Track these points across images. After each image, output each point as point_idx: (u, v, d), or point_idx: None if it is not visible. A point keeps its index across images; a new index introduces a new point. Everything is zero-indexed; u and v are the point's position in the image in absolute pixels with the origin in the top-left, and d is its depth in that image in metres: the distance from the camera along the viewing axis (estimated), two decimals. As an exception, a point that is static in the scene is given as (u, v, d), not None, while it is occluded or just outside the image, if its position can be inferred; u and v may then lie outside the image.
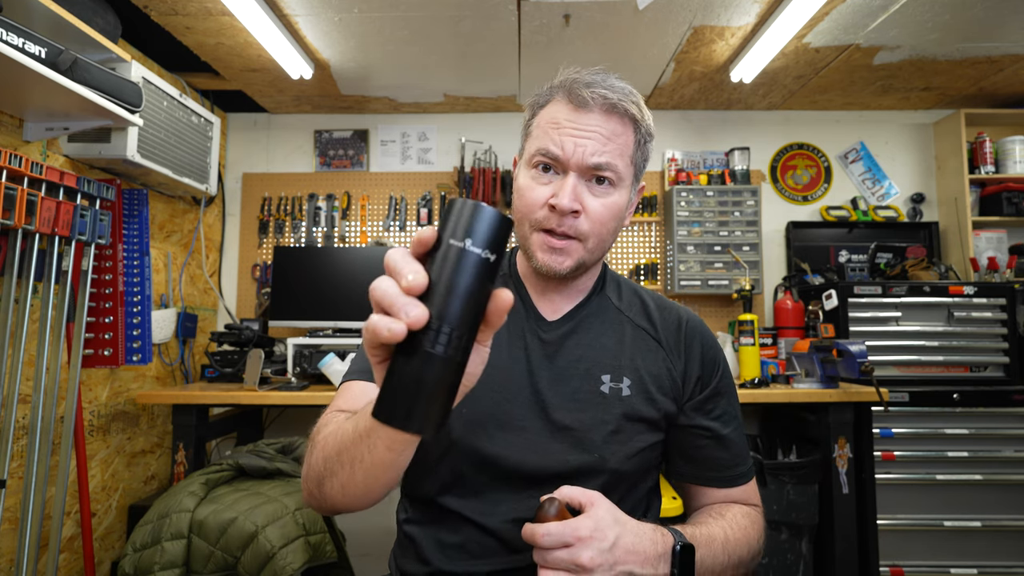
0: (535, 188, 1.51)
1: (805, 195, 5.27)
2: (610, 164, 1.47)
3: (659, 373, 1.62)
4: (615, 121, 1.49)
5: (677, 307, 1.75)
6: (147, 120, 3.70)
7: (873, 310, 4.24)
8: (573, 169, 1.47)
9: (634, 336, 1.66)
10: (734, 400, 1.69)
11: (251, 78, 4.55)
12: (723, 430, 1.63)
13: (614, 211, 1.52)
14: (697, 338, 1.69)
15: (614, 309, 1.70)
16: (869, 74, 4.55)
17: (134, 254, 3.81)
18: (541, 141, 1.51)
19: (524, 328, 1.63)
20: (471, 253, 0.84)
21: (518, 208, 1.56)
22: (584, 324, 1.65)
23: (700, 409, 1.64)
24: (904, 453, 3.92)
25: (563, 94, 1.52)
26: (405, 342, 0.84)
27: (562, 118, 1.50)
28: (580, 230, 1.49)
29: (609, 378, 1.58)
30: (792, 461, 3.87)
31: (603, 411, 1.54)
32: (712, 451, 1.63)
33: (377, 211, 5.26)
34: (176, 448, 3.74)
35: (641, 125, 1.54)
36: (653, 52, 4.16)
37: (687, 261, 4.88)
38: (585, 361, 1.59)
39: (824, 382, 3.87)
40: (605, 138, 1.47)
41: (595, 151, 1.46)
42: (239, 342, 4.22)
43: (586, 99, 1.47)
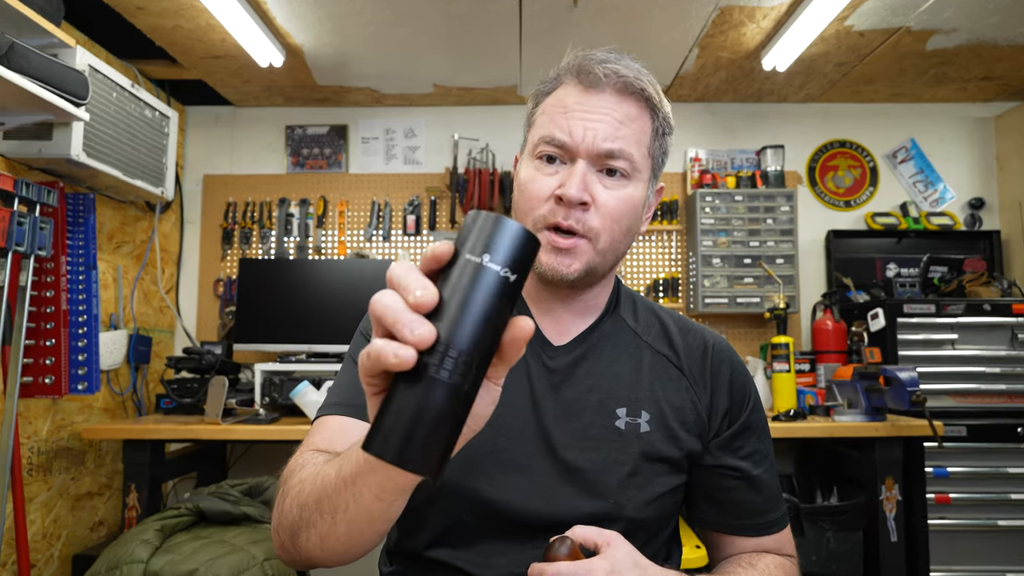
0: (539, 179, 1.50)
1: (848, 200, 5.30)
2: (624, 151, 1.47)
3: (682, 406, 1.59)
4: (630, 103, 1.49)
5: (702, 329, 1.72)
6: (94, 114, 3.71)
7: (926, 332, 4.25)
8: (582, 156, 1.46)
9: (653, 363, 1.63)
10: (766, 436, 1.68)
11: (213, 66, 4.59)
12: (754, 471, 1.61)
13: (628, 206, 1.50)
14: (725, 365, 1.66)
15: (630, 332, 1.67)
16: (921, 61, 4.58)
17: (79, 268, 3.82)
18: (546, 128, 1.51)
19: (527, 353, 1.59)
20: (489, 270, 0.81)
21: (519, 205, 1.55)
22: (596, 349, 1.62)
23: (727, 447, 1.61)
24: (961, 495, 3.94)
25: (572, 75, 1.53)
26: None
27: (571, 101, 1.49)
28: (589, 225, 1.47)
29: (625, 412, 1.55)
30: (833, 505, 3.88)
31: (618, 450, 1.52)
32: (741, 495, 1.61)
33: (357, 218, 5.29)
34: (127, 490, 3.74)
35: (659, 111, 1.54)
36: (673, 36, 4.20)
37: (712, 276, 4.90)
38: (597, 392, 1.56)
39: (869, 414, 3.88)
40: (618, 122, 1.47)
41: (607, 135, 1.45)
42: (199, 368, 4.22)
43: (598, 76, 1.47)
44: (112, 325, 4.33)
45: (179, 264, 5.18)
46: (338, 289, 4.64)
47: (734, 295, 4.88)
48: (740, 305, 4.88)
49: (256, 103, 5.31)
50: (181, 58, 4.45)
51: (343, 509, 1.12)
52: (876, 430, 3.77)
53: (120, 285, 4.43)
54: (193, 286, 5.21)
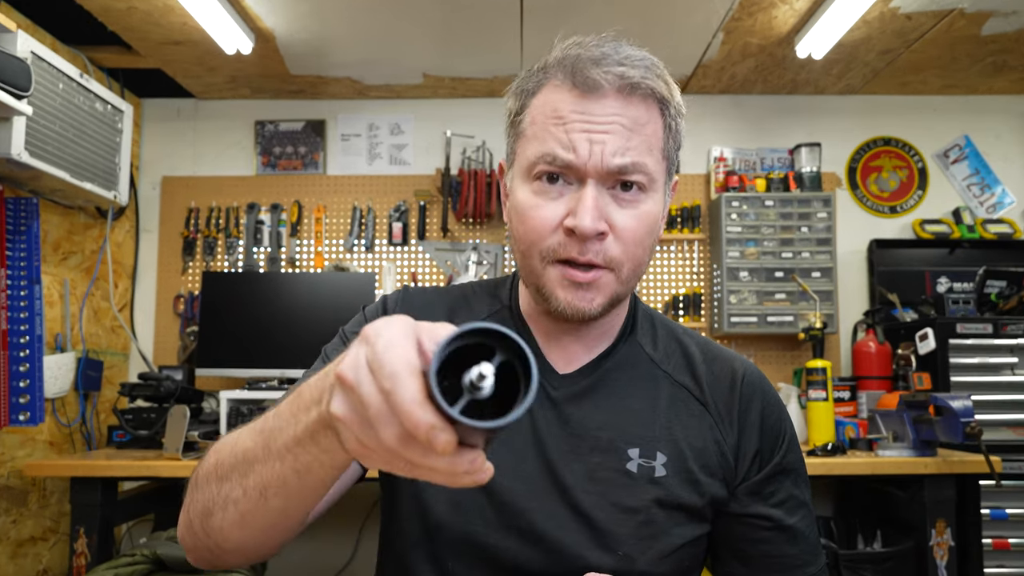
0: (542, 207, 1.43)
1: (893, 205, 5.33)
2: (638, 164, 1.40)
3: (704, 447, 1.56)
4: (637, 105, 1.43)
5: (731, 357, 1.69)
6: (38, 108, 3.72)
7: (982, 355, 4.27)
8: (592, 176, 1.39)
9: (672, 397, 1.60)
10: (803, 480, 1.65)
11: (173, 53, 4.62)
12: (788, 519, 1.57)
13: (649, 224, 1.46)
14: (757, 399, 1.63)
15: (647, 360, 1.64)
16: (976, 48, 4.62)
17: (20, 282, 3.84)
18: (543, 143, 1.43)
19: None
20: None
21: (520, 236, 1.49)
22: (607, 381, 1.59)
23: (757, 493, 1.58)
24: (1022, 540, 3.94)
25: (563, 76, 1.44)
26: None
27: (567, 109, 1.42)
28: (610, 256, 1.42)
29: (638, 453, 1.52)
30: (876, 551, 3.89)
31: (629, 496, 1.49)
32: (774, 547, 1.56)
33: (336, 226, 5.33)
34: (75, 534, 3.75)
35: (670, 104, 1.48)
36: (695, 20, 4.24)
37: (740, 291, 4.92)
38: (607, 430, 1.53)
39: (917, 448, 3.89)
40: (628, 129, 1.40)
41: (617, 148, 1.39)
42: (157, 396, 4.23)
43: (597, 81, 1.39)
44: (58, 347, 4.35)
45: (134, 278, 5.22)
46: (314, 306, 4.66)
47: (764, 313, 4.90)
48: (771, 324, 4.90)
49: (221, 95, 5.35)
50: (136, 44, 4.49)
51: (278, 484, 1.09)
52: (925, 466, 3.79)
53: (67, 302, 4.46)
54: (150, 303, 5.24)
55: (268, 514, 1.16)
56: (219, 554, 1.29)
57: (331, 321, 4.54)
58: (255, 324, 4.65)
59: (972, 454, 3.84)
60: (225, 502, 1.18)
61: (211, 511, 1.21)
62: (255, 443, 1.12)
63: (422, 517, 1.50)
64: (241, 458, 1.15)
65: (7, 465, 3.98)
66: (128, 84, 5.09)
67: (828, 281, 4.89)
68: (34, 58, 3.62)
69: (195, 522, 1.26)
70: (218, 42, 4.28)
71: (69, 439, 4.45)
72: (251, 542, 1.24)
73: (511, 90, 1.56)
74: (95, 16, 4.12)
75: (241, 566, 1.37)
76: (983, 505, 3.98)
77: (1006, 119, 5.38)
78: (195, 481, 1.28)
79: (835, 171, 5.36)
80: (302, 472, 1.05)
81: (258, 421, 1.18)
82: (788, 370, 5.13)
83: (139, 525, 4.84)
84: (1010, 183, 5.32)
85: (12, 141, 3.51)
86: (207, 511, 1.22)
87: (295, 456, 1.04)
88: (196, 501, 1.26)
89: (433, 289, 1.77)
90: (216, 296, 4.71)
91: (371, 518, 4.95)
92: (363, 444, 0.85)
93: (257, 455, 1.11)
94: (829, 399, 4.17)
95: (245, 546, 1.25)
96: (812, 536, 1.60)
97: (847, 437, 4.16)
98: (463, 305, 1.71)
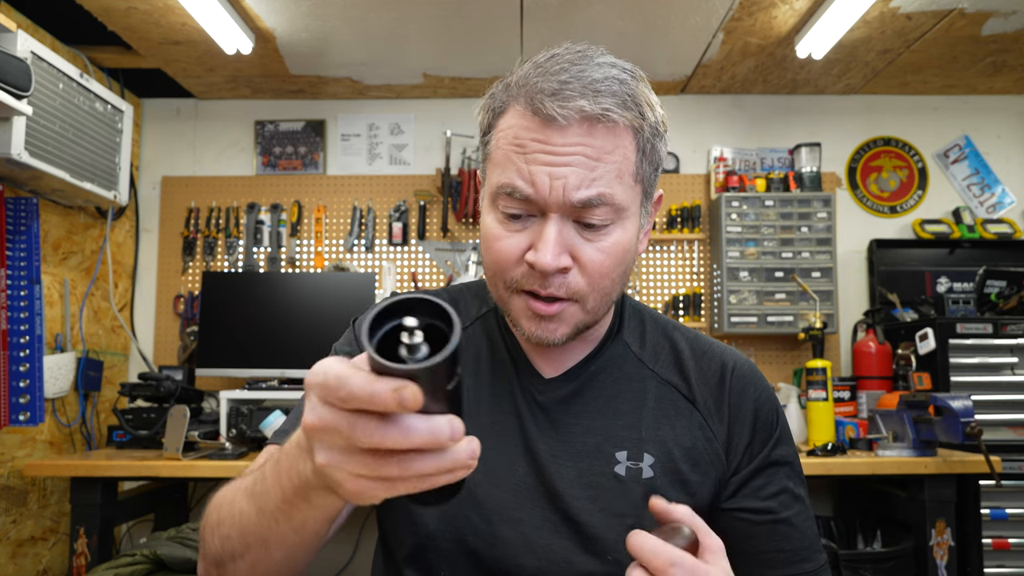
0: (504, 238, 1.42)
1: (893, 205, 5.33)
2: (604, 195, 1.36)
3: (694, 445, 1.55)
4: (603, 134, 1.36)
5: (721, 351, 1.66)
6: (38, 108, 3.73)
7: (982, 355, 4.28)
8: (553, 210, 1.36)
9: (659, 396, 1.59)
10: (797, 475, 1.60)
11: (173, 53, 4.63)
12: (782, 512, 1.54)
13: (617, 255, 1.42)
14: (748, 392, 1.60)
15: (633, 360, 1.64)
16: (976, 48, 4.62)
17: (20, 282, 3.84)
18: (504, 172, 1.40)
19: (514, 387, 1.59)
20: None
21: (486, 264, 1.49)
22: (593, 384, 1.60)
23: (748, 485, 1.56)
24: (1022, 540, 3.94)
25: (524, 103, 1.39)
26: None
27: (527, 138, 1.37)
28: (574, 289, 1.41)
29: (626, 456, 1.52)
30: (876, 551, 3.89)
31: (618, 500, 1.48)
32: (767, 542, 1.53)
33: (336, 226, 5.33)
34: (75, 534, 3.75)
35: (643, 128, 1.41)
36: (695, 20, 4.24)
37: (740, 291, 4.93)
38: (595, 433, 1.54)
39: (918, 448, 3.89)
40: (592, 160, 1.35)
41: (580, 181, 1.34)
42: (157, 396, 4.24)
43: (553, 116, 1.34)
44: (58, 347, 4.36)
45: (134, 278, 5.22)
46: (314, 306, 4.67)
47: (764, 313, 4.91)
48: (771, 324, 4.90)
49: (221, 95, 5.35)
50: (136, 44, 4.49)
51: (278, 541, 1.15)
52: (925, 466, 3.79)
53: (67, 302, 4.46)
54: (150, 303, 5.25)
55: (273, 563, 1.21)
56: None
57: (331, 321, 4.57)
58: (255, 324, 4.65)
59: (972, 454, 3.85)
60: (232, 555, 1.23)
61: (223, 562, 1.26)
62: (249, 507, 1.17)
63: (415, 528, 1.51)
64: (239, 520, 1.20)
65: (7, 465, 3.98)
66: (128, 84, 5.08)
67: (828, 281, 4.89)
68: (34, 58, 3.62)
69: (211, 569, 1.30)
70: (218, 42, 4.28)
71: (69, 439, 4.45)
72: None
73: (481, 105, 1.53)
74: (95, 16, 4.12)
75: None
76: (983, 505, 3.98)
77: (1006, 119, 5.38)
78: (202, 534, 1.33)
79: (835, 171, 5.36)
80: (298, 528, 1.11)
81: (247, 480, 1.22)
82: (788, 370, 5.13)
83: (139, 525, 4.84)
84: (1010, 183, 5.32)
85: (12, 141, 3.52)
86: (219, 562, 1.27)
87: (288, 516, 1.08)
88: (208, 552, 1.30)
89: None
90: (216, 296, 4.72)
91: (371, 518, 4.93)
92: (358, 474, 0.85)
93: (252, 518, 1.16)
94: (829, 399, 4.18)
95: None
96: (809, 531, 1.57)
97: (847, 437, 4.16)
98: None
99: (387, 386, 0.78)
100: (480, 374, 1.62)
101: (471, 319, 1.70)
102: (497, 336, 1.67)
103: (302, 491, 1.02)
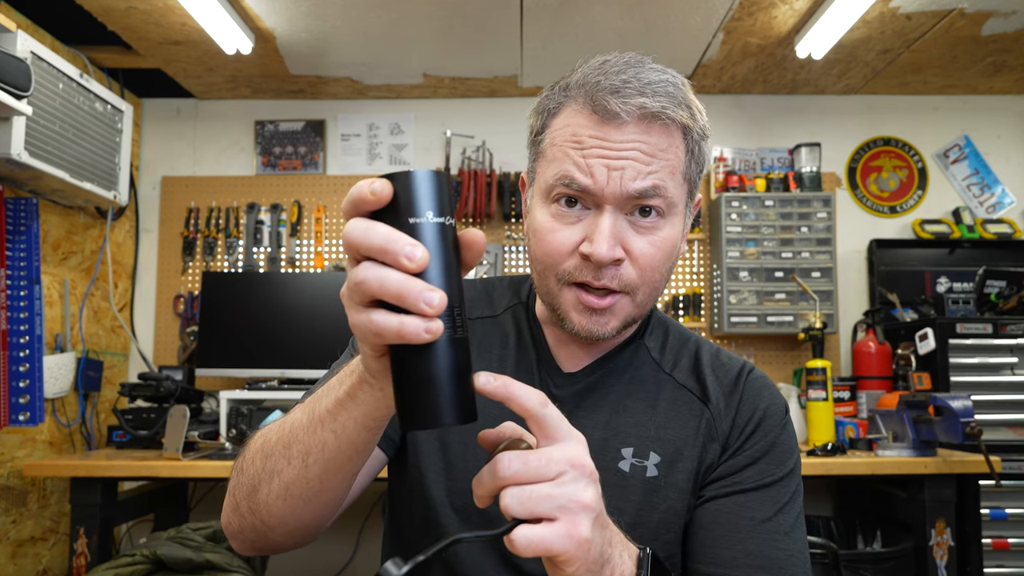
0: (558, 231, 1.45)
1: (893, 205, 5.33)
2: (658, 188, 1.40)
3: (702, 447, 1.55)
4: (658, 132, 1.41)
5: (741, 362, 1.67)
6: (37, 108, 3.72)
7: (982, 355, 4.28)
8: (609, 202, 1.40)
9: (673, 399, 1.60)
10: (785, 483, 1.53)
11: (173, 53, 4.63)
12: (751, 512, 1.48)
13: (667, 249, 1.46)
14: (760, 398, 1.60)
15: (651, 364, 1.65)
16: (976, 48, 4.62)
17: (20, 282, 3.84)
18: (561, 165, 1.43)
19: (535, 378, 1.61)
20: (439, 224, 0.96)
21: (537, 257, 1.50)
22: (607, 380, 1.61)
23: (724, 478, 1.53)
24: (1022, 540, 3.94)
25: (583, 100, 1.43)
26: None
27: (586, 134, 1.41)
28: (626, 281, 1.43)
29: (631, 453, 1.53)
30: (876, 551, 3.89)
31: (619, 496, 1.49)
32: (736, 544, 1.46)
33: (337, 226, 5.34)
34: (75, 534, 3.75)
35: (693, 130, 1.47)
36: (695, 20, 4.24)
37: (739, 291, 4.93)
38: (603, 428, 1.55)
39: (917, 448, 3.90)
40: (648, 156, 1.39)
41: (637, 174, 1.39)
42: (157, 397, 4.24)
43: (616, 112, 1.38)
44: (58, 347, 4.36)
45: (134, 278, 5.22)
46: (314, 306, 4.66)
47: (764, 313, 4.90)
48: (771, 324, 4.90)
49: (221, 95, 5.35)
50: (136, 44, 4.49)
51: (319, 449, 1.21)
52: (925, 466, 3.79)
53: (67, 302, 4.46)
54: (150, 303, 5.25)
55: (309, 483, 1.25)
56: (264, 532, 1.35)
57: (331, 321, 4.57)
58: (255, 324, 4.65)
59: (972, 454, 3.85)
60: (271, 474, 1.28)
61: (257, 486, 1.30)
62: (303, 414, 1.25)
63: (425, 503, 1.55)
64: (288, 430, 1.26)
65: (7, 465, 3.98)
66: (128, 84, 5.08)
67: (828, 281, 4.88)
68: (34, 58, 3.62)
69: (241, 503, 1.34)
70: (218, 42, 4.28)
71: (69, 439, 4.46)
72: (293, 516, 1.31)
73: (534, 107, 1.57)
74: (95, 16, 4.12)
75: (285, 546, 1.43)
76: (983, 505, 3.98)
77: (1006, 119, 5.38)
78: (240, 466, 1.37)
79: (835, 171, 5.36)
80: (338, 432, 1.18)
81: (306, 398, 1.32)
82: (788, 370, 5.13)
83: (139, 525, 4.84)
84: (1010, 183, 5.32)
85: (12, 141, 3.51)
86: (253, 487, 1.31)
87: (333, 417, 1.17)
88: (241, 482, 1.35)
89: None
90: (216, 296, 4.71)
91: (371, 518, 4.95)
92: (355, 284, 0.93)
93: (303, 423, 1.23)
94: (829, 399, 4.17)
95: (287, 520, 1.32)
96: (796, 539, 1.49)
97: (847, 437, 4.16)
98: (484, 299, 1.76)
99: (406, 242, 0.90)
100: (504, 360, 1.65)
101: (502, 309, 1.74)
102: (525, 328, 1.69)
103: (351, 390, 1.13)
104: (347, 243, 0.93)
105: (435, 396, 0.96)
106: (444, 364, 0.95)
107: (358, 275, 0.91)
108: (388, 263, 0.90)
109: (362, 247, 0.91)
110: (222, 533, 3.51)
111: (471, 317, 1.68)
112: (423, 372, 0.95)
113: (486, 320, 1.71)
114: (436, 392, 0.96)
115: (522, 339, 1.67)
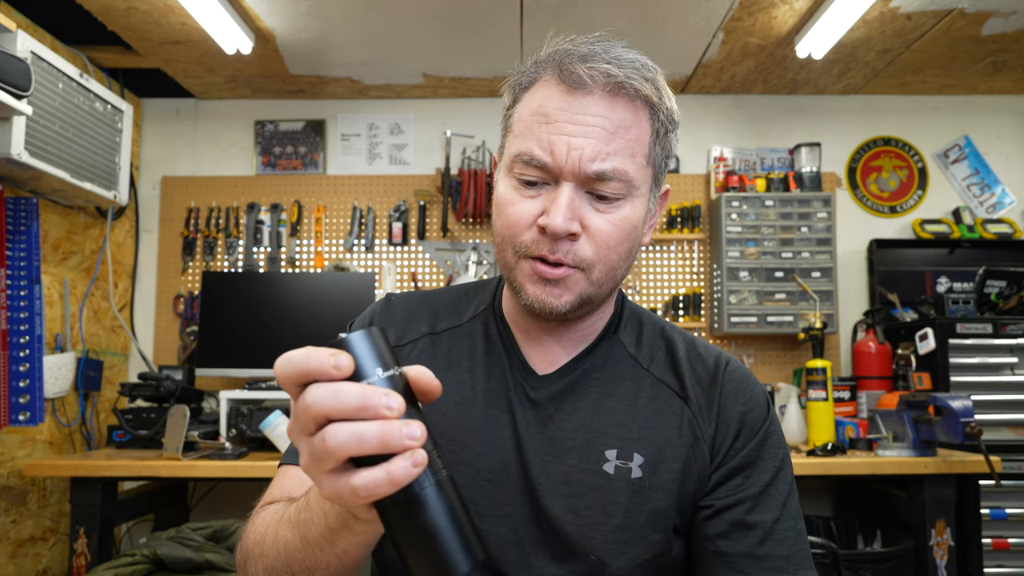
0: (518, 203, 1.46)
1: (893, 205, 5.33)
2: (617, 170, 1.40)
3: (684, 445, 1.53)
4: (623, 107, 1.42)
5: (716, 353, 1.66)
6: (38, 108, 3.72)
7: (982, 354, 4.28)
8: (568, 178, 1.40)
9: (652, 396, 1.58)
10: (783, 481, 1.54)
11: (173, 53, 4.63)
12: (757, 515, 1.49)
13: (625, 229, 1.46)
14: (739, 394, 1.59)
15: (628, 359, 1.63)
16: (976, 48, 4.62)
17: (20, 282, 3.84)
18: (523, 141, 1.44)
19: (508, 383, 1.58)
20: (392, 377, 0.96)
21: (497, 228, 1.51)
22: (585, 380, 1.59)
23: (726, 483, 1.52)
24: (1022, 540, 3.94)
25: (552, 71, 1.45)
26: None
27: (551, 107, 1.43)
28: (581, 256, 1.43)
29: (615, 454, 1.50)
30: (876, 551, 3.89)
31: (605, 499, 1.47)
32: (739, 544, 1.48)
33: (336, 226, 5.33)
34: (75, 534, 3.76)
35: (659, 110, 1.46)
36: (695, 20, 4.24)
37: (740, 291, 4.93)
38: (585, 431, 1.52)
39: (917, 448, 3.90)
40: (609, 133, 1.40)
41: (596, 153, 1.39)
42: (157, 396, 4.24)
43: (582, 78, 1.40)
44: (58, 347, 4.36)
45: (134, 278, 5.22)
46: (314, 306, 4.67)
47: (764, 313, 4.90)
48: (771, 324, 4.90)
49: (221, 95, 5.35)
50: (136, 44, 4.49)
51: (323, 568, 1.18)
52: (925, 466, 3.80)
53: (67, 302, 4.46)
54: (150, 303, 5.25)
55: None
56: None
57: (331, 321, 4.56)
58: (255, 324, 4.65)
59: (972, 454, 3.85)
60: None
61: None
62: (293, 535, 1.21)
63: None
64: (283, 549, 1.23)
65: (7, 465, 3.97)
66: (128, 84, 5.09)
67: (828, 281, 4.88)
68: (34, 58, 3.62)
69: None
70: (218, 42, 4.28)
71: (69, 439, 4.45)
72: None
73: (507, 83, 1.57)
74: (95, 16, 4.12)
75: None
76: (983, 505, 3.98)
77: (1006, 119, 5.38)
78: (242, 561, 1.36)
79: (835, 171, 5.36)
80: (341, 556, 1.15)
81: (291, 510, 1.25)
82: (788, 370, 5.13)
83: (139, 525, 4.84)
84: (1010, 183, 5.32)
85: (12, 141, 3.51)
86: None
87: (332, 543, 1.13)
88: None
89: (419, 295, 1.78)
90: (216, 296, 4.71)
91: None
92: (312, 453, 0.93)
93: (296, 546, 1.19)
94: (829, 399, 4.17)
95: None
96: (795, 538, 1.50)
97: (847, 437, 4.16)
98: (450, 309, 1.73)
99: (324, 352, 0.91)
100: (475, 370, 1.61)
101: (468, 316, 1.71)
102: (494, 332, 1.66)
103: (342, 518, 1.08)
104: (312, 411, 0.91)
105: (440, 549, 0.93)
106: (439, 512, 0.93)
107: (331, 440, 0.89)
108: (367, 419, 0.90)
109: (334, 411, 0.90)
110: (222, 533, 3.51)
111: (436, 331, 1.68)
112: (420, 528, 0.93)
113: (452, 331, 1.68)
114: (440, 545, 0.93)
115: (491, 345, 1.65)
